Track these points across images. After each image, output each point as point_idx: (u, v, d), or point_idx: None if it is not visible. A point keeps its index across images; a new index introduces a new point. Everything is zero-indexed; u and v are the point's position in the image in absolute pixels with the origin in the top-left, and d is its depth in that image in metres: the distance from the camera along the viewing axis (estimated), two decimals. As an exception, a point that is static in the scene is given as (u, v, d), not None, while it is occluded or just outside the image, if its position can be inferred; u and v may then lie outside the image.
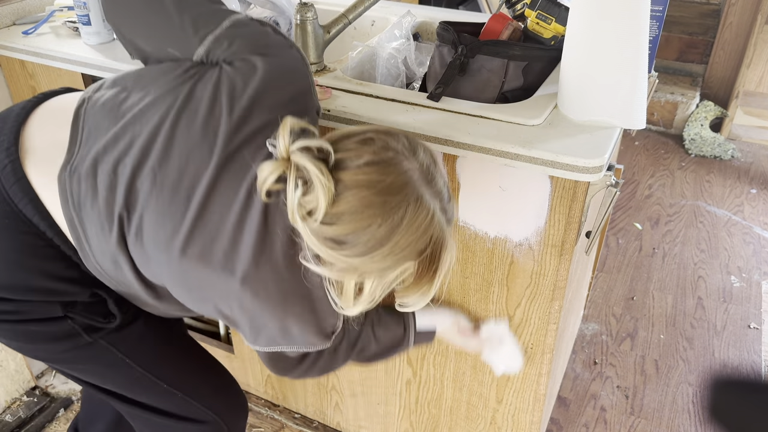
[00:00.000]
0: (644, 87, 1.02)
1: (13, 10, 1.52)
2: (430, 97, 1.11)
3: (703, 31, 3.22)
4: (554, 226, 1.05)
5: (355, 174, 0.75)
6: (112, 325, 0.97)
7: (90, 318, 0.94)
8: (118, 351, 0.99)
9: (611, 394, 1.78)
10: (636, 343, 1.95)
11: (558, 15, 1.16)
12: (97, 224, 0.85)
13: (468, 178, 1.09)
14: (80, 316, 0.94)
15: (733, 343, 1.95)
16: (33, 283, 0.89)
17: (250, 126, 0.82)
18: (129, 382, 1.04)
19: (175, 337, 1.12)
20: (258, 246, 0.80)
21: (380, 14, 1.57)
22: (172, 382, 1.06)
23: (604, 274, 2.24)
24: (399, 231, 0.76)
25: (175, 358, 1.09)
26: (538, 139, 1.00)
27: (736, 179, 2.82)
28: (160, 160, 0.82)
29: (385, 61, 1.36)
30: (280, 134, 0.76)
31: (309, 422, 1.66)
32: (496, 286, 1.17)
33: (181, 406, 1.09)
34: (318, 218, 0.75)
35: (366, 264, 0.77)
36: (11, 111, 0.93)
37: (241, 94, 0.82)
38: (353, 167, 0.76)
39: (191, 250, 0.82)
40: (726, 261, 2.30)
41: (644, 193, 2.71)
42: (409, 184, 0.77)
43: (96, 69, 1.34)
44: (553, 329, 1.16)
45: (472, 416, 1.37)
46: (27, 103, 0.94)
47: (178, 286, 0.87)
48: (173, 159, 0.81)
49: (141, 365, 1.02)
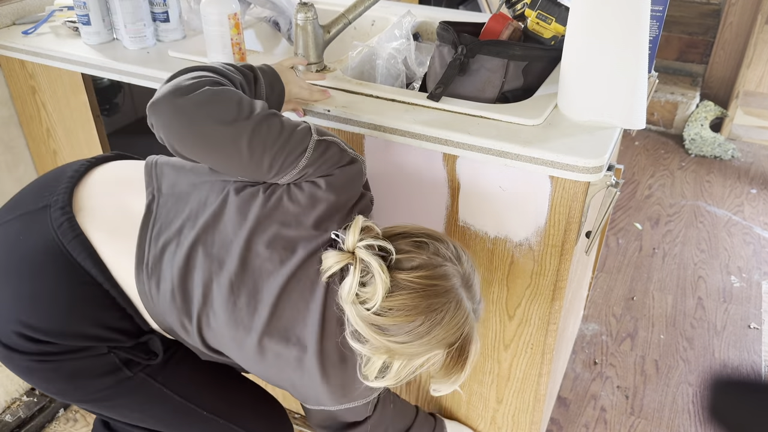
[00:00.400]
0: (644, 87, 1.02)
1: (13, 10, 1.52)
2: (430, 97, 1.11)
3: (703, 31, 3.22)
4: (554, 226, 1.05)
5: (408, 275, 0.85)
6: (154, 362, 0.99)
7: (133, 354, 0.97)
8: (156, 381, 1.00)
9: (611, 394, 1.78)
10: (636, 343, 1.95)
11: (558, 15, 1.16)
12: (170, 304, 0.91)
13: (468, 178, 1.09)
14: (124, 353, 0.96)
15: (733, 343, 1.94)
16: (85, 330, 0.92)
17: (317, 242, 0.91)
18: (167, 414, 1.04)
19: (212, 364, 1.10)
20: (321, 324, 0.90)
21: (380, 14, 1.57)
22: (213, 408, 1.07)
23: (604, 274, 2.24)
24: (437, 328, 0.85)
25: (213, 384, 1.09)
26: (538, 139, 1.00)
27: (736, 179, 2.82)
28: (238, 272, 0.90)
29: (385, 61, 1.36)
30: (351, 230, 0.87)
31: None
32: (496, 286, 1.17)
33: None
34: (371, 308, 0.84)
35: (400, 348, 0.86)
36: (64, 172, 0.97)
37: (311, 210, 0.91)
38: (407, 269, 0.85)
39: (265, 343, 0.91)
40: (726, 261, 2.30)
41: (644, 193, 2.71)
42: (452, 290, 0.86)
43: (96, 69, 1.34)
44: (553, 329, 1.16)
45: (472, 416, 1.37)
46: (81, 166, 0.98)
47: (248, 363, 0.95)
48: (249, 270, 0.90)
49: (179, 393, 1.03)
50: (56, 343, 0.91)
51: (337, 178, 0.92)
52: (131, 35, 1.36)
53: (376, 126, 1.08)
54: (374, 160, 1.15)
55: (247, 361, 0.94)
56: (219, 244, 0.91)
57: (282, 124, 0.91)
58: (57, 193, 0.93)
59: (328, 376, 0.91)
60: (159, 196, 0.95)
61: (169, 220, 0.93)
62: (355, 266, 0.85)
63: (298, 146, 0.90)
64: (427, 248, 0.88)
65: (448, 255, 0.88)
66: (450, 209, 1.14)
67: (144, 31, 1.36)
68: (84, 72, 1.37)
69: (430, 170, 1.11)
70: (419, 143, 1.06)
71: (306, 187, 0.92)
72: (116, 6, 1.33)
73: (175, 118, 0.87)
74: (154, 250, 0.91)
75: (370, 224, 0.89)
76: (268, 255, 0.90)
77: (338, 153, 0.93)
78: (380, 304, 0.83)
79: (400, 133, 1.07)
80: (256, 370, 0.96)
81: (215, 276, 0.90)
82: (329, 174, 0.92)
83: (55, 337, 0.90)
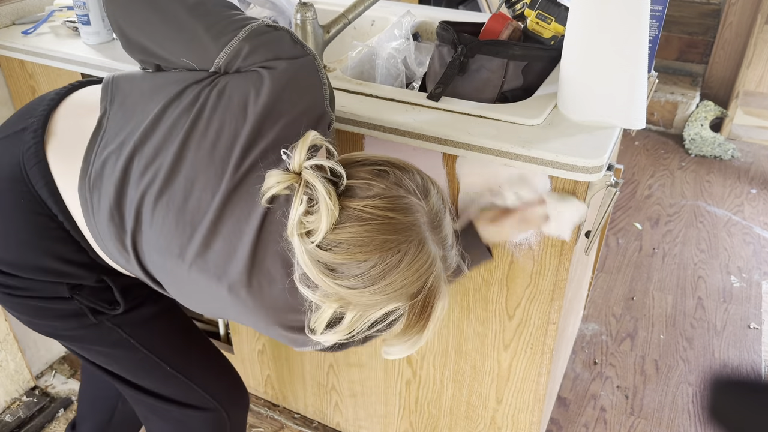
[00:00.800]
0: (644, 87, 1.02)
1: (12, 10, 1.52)
2: (429, 97, 1.11)
3: (703, 31, 3.22)
4: (554, 226, 1.05)
5: (361, 204, 0.73)
6: (116, 312, 0.99)
7: (95, 303, 0.97)
8: (123, 332, 1.01)
9: (611, 394, 1.77)
10: (636, 343, 1.95)
11: (558, 15, 1.16)
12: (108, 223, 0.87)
13: (468, 178, 1.09)
14: (86, 300, 0.96)
15: (733, 343, 1.94)
16: (42, 263, 0.91)
17: (260, 145, 0.81)
18: (133, 364, 1.05)
19: (180, 324, 1.13)
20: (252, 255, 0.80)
21: (380, 14, 1.57)
22: (175, 365, 1.07)
23: (604, 274, 2.24)
24: (394, 272, 0.74)
25: (178, 343, 1.11)
26: (538, 138, 1.00)
27: (736, 179, 2.82)
28: (167, 181, 0.83)
29: (385, 60, 1.36)
30: (298, 147, 0.75)
31: (309, 422, 1.66)
32: (495, 285, 1.17)
33: (183, 392, 1.10)
34: (316, 240, 0.73)
35: (352, 296, 0.75)
36: (46, 95, 0.96)
37: (252, 109, 0.81)
38: (361, 197, 0.74)
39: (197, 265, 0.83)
40: (726, 261, 2.30)
41: (644, 193, 2.71)
42: (414, 226, 0.75)
43: (96, 69, 1.34)
44: (552, 329, 1.16)
45: (472, 416, 1.37)
46: (62, 89, 0.96)
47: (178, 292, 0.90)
48: (179, 181, 0.82)
49: (145, 346, 1.04)
50: (18, 276, 0.91)
51: (284, 71, 0.81)
52: (131, 35, 1.36)
53: (376, 126, 1.08)
54: (374, 160, 1.15)
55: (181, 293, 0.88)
56: (152, 154, 0.82)
57: (234, 4, 0.89)
58: (35, 116, 0.92)
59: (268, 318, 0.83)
60: (110, 108, 0.90)
61: (115, 133, 0.87)
62: (298, 189, 0.73)
63: (242, 20, 0.85)
64: (387, 176, 0.76)
65: (412, 187, 0.76)
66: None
67: (144, 31, 1.36)
68: (84, 72, 1.37)
69: (430, 170, 1.11)
70: (419, 143, 1.06)
71: (249, 78, 0.82)
72: (116, 6, 1.33)
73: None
74: (97, 164, 0.86)
75: (325, 143, 0.77)
76: (204, 165, 0.80)
77: (288, 41, 0.84)
78: (326, 236, 0.72)
79: (399, 133, 1.07)
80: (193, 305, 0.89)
81: (147, 191, 0.82)
82: (273, 66, 0.82)
83: (14, 269, 0.91)
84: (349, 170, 0.76)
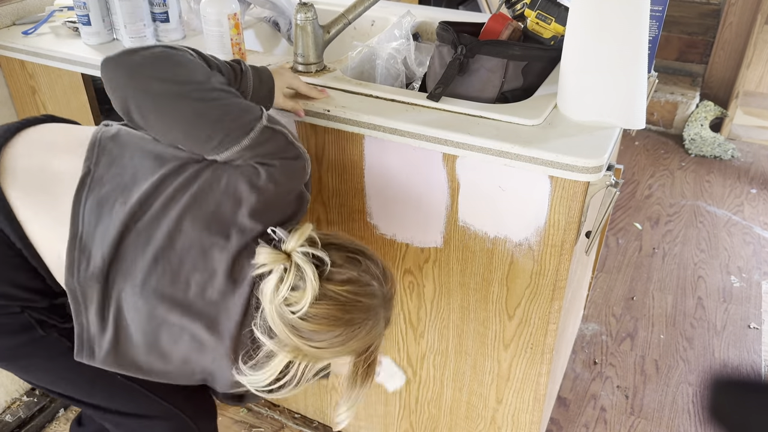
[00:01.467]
0: (644, 87, 1.02)
1: (13, 10, 1.52)
2: (429, 97, 1.11)
3: (703, 31, 3.22)
4: (554, 226, 1.05)
5: (338, 288, 0.87)
6: (69, 325, 0.97)
7: (47, 316, 0.96)
8: (69, 341, 0.97)
9: (611, 394, 1.78)
10: (636, 343, 1.95)
11: (558, 15, 1.16)
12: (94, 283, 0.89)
13: (468, 178, 1.09)
14: (37, 313, 0.95)
15: (733, 343, 1.95)
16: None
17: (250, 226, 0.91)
18: (79, 377, 1.02)
19: None
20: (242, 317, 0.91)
21: (380, 14, 1.57)
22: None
23: (604, 274, 2.24)
24: (353, 340, 0.89)
25: None
26: (538, 139, 1.00)
27: (736, 179, 2.82)
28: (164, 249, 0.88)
29: (385, 61, 1.36)
30: (296, 234, 0.88)
31: (309, 422, 1.66)
32: (495, 285, 1.17)
33: (143, 403, 1.08)
34: (296, 312, 0.85)
35: (310, 350, 0.88)
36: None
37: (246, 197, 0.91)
38: (337, 281, 0.88)
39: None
40: (726, 261, 2.30)
41: (644, 193, 2.71)
42: (374, 308, 0.90)
43: (96, 69, 1.34)
44: (552, 329, 1.16)
45: (472, 416, 1.37)
46: (11, 126, 0.97)
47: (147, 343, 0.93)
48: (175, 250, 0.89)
49: None
50: None
51: (278, 170, 0.92)
52: (131, 35, 1.36)
53: (376, 126, 1.08)
54: (374, 160, 1.15)
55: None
56: (150, 221, 0.90)
57: (234, 100, 0.91)
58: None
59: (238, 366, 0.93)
60: (96, 169, 0.92)
61: (104, 193, 0.90)
62: (289, 270, 0.86)
63: (244, 125, 0.90)
64: (359, 265, 0.91)
65: (376, 274, 0.92)
66: (450, 209, 1.14)
67: (144, 31, 1.36)
68: (84, 72, 1.37)
69: (430, 170, 1.11)
70: (419, 143, 1.06)
71: (246, 171, 0.91)
72: (116, 6, 1.33)
73: (123, 70, 0.88)
74: (87, 223, 0.89)
75: (314, 235, 0.90)
76: (197, 236, 0.89)
77: (284, 143, 0.93)
78: (306, 310, 0.85)
79: (399, 133, 1.07)
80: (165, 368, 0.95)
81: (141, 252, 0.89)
82: (270, 163, 0.92)
83: None
84: (326, 250, 0.89)
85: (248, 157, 0.91)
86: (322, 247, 0.90)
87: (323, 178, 1.23)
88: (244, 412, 1.70)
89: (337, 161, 1.19)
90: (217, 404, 1.21)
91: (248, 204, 0.90)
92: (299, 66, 1.23)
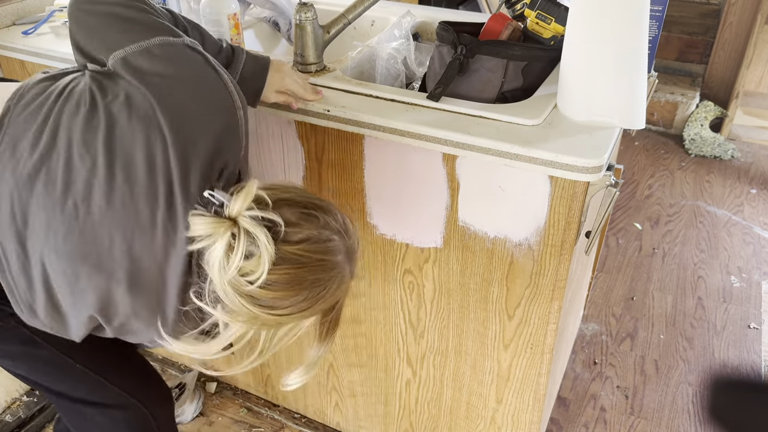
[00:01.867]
0: (644, 87, 1.02)
1: (13, 10, 1.52)
2: (429, 97, 1.11)
3: (703, 31, 3.22)
4: (554, 226, 1.05)
5: (296, 249, 0.79)
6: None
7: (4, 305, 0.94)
8: (27, 329, 0.96)
9: (611, 394, 1.78)
10: (636, 343, 1.95)
11: (558, 15, 1.16)
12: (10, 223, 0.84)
13: (468, 178, 1.09)
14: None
15: (733, 343, 1.95)
16: None
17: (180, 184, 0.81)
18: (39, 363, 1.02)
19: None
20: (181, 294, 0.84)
21: (380, 14, 1.57)
22: (83, 361, 1.04)
23: (604, 274, 2.24)
24: (319, 302, 0.83)
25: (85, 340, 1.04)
26: (538, 139, 1.00)
27: (736, 179, 2.82)
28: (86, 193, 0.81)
29: (385, 61, 1.36)
30: (241, 196, 0.78)
31: (309, 422, 1.66)
32: (495, 286, 1.17)
33: (98, 391, 1.08)
34: (255, 282, 0.77)
35: (270, 318, 0.80)
36: None
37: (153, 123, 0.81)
38: (294, 241, 0.79)
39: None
40: (726, 261, 2.30)
41: (644, 193, 2.71)
42: (338, 265, 0.83)
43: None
44: (552, 329, 1.16)
45: (472, 416, 1.37)
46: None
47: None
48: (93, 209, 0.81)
49: (49, 342, 1.00)
50: None
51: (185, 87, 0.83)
52: (131, 35, 1.36)
53: (376, 126, 1.08)
54: (374, 160, 1.15)
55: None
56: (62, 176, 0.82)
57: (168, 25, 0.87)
58: None
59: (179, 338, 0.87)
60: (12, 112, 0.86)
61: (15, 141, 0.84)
62: (238, 237, 0.76)
63: (164, 28, 0.85)
64: (317, 221, 0.82)
65: (336, 228, 0.84)
66: (450, 209, 1.14)
67: (144, 31, 1.36)
68: (84, 72, 1.38)
69: (430, 170, 1.11)
70: (419, 143, 1.06)
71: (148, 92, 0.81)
72: (116, 6, 1.33)
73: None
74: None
75: (262, 194, 0.80)
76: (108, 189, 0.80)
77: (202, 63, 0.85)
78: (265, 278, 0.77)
79: (399, 133, 1.07)
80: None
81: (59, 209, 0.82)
82: (170, 81, 0.82)
83: None
84: (277, 209, 0.80)
85: (138, 61, 0.82)
86: (273, 206, 0.80)
87: (323, 178, 1.23)
88: (244, 411, 1.70)
89: (337, 161, 1.19)
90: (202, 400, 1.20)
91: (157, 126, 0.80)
92: (299, 66, 1.23)
